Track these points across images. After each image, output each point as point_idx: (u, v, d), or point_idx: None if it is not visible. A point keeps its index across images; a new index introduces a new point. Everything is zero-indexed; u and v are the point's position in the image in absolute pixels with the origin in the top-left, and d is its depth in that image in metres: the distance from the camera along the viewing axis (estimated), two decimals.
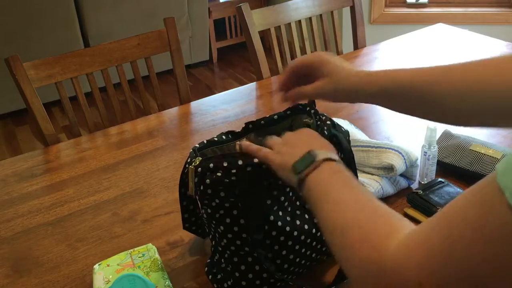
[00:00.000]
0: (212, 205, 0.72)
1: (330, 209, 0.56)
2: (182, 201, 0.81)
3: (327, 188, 0.58)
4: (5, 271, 0.87)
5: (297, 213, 0.76)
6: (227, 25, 3.76)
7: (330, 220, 0.55)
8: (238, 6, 1.57)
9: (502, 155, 0.98)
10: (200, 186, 0.71)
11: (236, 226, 0.72)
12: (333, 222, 0.54)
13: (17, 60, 1.28)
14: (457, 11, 3.01)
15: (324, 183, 0.59)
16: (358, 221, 0.52)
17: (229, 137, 0.86)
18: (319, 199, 0.58)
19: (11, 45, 2.88)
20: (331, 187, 0.58)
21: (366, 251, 0.49)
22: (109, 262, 0.81)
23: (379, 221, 0.51)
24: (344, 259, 0.52)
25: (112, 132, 1.32)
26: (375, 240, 0.49)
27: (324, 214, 0.57)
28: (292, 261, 0.76)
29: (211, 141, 0.83)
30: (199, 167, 0.71)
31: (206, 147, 0.81)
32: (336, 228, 0.54)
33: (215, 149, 0.83)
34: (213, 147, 0.83)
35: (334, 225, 0.54)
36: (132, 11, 3.19)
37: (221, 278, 0.77)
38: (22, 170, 1.17)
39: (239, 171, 0.70)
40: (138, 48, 1.49)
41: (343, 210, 0.55)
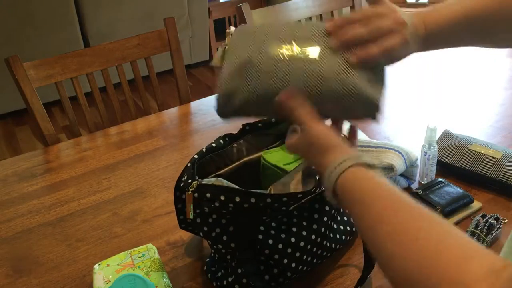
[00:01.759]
0: (209, 222, 0.73)
1: (386, 231, 0.48)
2: (177, 204, 0.81)
3: (369, 200, 0.51)
4: (5, 271, 0.87)
5: (293, 230, 0.76)
6: (227, 25, 3.76)
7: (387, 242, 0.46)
8: (238, 6, 1.57)
9: (502, 155, 0.98)
10: (196, 211, 0.73)
11: (233, 242, 0.73)
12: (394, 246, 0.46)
13: (17, 60, 1.28)
14: None
15: (360, 192, 0.53)
16: (436, 253, 0.42)
17: (227, 141, 0.86)
18: (360, 211, 0.52)
19: (11, 45, 2.88)
20: (371, 199, 0.51)
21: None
22: (109, 262, 0.81)
23: (463, 253, 0.42)
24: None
25: (112, 132, 1.32)
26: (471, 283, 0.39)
27: (377, 233, 0.49)
28: (294, 269, 0.76)
29: (209, 148, 0.83)
30: (196, 193, 0.71)
31: (204, 155, 0.82)
32: (403, 257, 0.44)
33: (214, 156, 0.84)
34: (211, 154, 0.83)
35: (399, 253, 0.45)
36: (132, 11, 3.19)
37: (221, 276, 0.78)
38: (22, 170, 1.17)
39: (236, 206, 0.70)
40: (138, 48, 1.49)
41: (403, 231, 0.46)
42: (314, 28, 0.65)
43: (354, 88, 0.61)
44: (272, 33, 0.65)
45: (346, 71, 0.61)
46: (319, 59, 0.62)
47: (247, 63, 0.64)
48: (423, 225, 0.46)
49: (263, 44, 0.64)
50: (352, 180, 0.55)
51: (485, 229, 0.85)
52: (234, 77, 0.64)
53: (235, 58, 0.65)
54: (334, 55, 0.62)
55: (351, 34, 0.63)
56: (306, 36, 0.64)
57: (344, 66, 0.62)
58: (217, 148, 0.85)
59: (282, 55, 0.63)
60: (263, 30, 0.66)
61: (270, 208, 0.70)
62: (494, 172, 0.96)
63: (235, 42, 0.67)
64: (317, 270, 0.82)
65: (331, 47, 0.63)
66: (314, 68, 0.62)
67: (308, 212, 0.78)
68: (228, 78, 0.65)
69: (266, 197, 0.69)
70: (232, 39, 0.68)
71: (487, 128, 1.20)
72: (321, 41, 0.63)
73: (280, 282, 0.75)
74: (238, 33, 0.68)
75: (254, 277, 0.73)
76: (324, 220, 0.79)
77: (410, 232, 0.45)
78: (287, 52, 0.63)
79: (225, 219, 0.72)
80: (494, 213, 0.88)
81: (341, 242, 0.83)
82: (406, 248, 0.44)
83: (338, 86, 0.61)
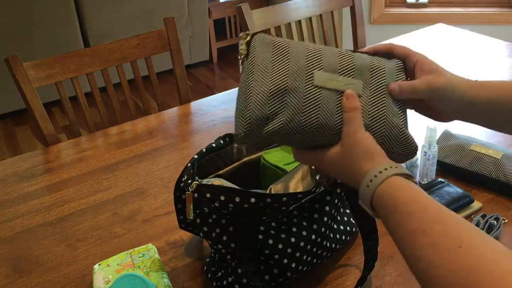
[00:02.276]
0: (209, 222, 0.73)
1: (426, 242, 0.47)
2: (176, 204, 0.82)
3: (408, 209, 0.51)
4: (5, 271, 0.87)
5: (293, 230, 0.76)
6: (227, 25, 3.76)
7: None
8: (238, 6, 1.57)
9: (502, 155, 0.98)
10: (195, 211, 0.73)
11: (233, 243, 0.73)
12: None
13: (17, 60, 1.28)
14: (457, 11, 3.01)
15: (399, 201, 0.53)
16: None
17: (227, 141, 0.86)
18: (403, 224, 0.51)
19: (11, 45, 2.88)
20: (411, 208, 0.51)
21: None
22: (109, 262, 0.81)
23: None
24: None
25: (112, 132, 1.32)
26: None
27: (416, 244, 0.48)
28: (294, 269, 0.76)
29: (209, 148, 0.83)
30: (196, 193, 0.71)
31: (204, 155, 0.82)
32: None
33: (214, 156, 0.84)
34: (211, 154, 0.83)
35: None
36: (132, 11, 3.19)
37: (221, 276, 0.78)
38: (22, 170, 1.17)
39: (236, 207, 0.70)
40: (138, 48, 1.49)
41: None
42: (356, 58, 0.65)
43: (400, 129, 0.64)
44: (311, 58, 0.63)
45: (393, 112, 0.64)
46: (363, 95, 0.63)
47: (290, 90, 0.61)
48: (464, 236, 0.46)
49: (306, 71, 0.62)
50: (392, 188, 0.54)
51: (485, 229, 0.85)
52: (273, 102, 0.61)
53: (270, 80, 0.61)
54: (380, 94, 0.64)
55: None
56: (349, 68, 0.64)
57: (390, 106, 0.64)
58: (217, 148, 0.85)
59: (329, 88, 0.62)
60: (296, 51, 0.64)
61: (270, 208, 0.70)
62: (494, 172, 0.96)
63: (263, 56, 0.63)
64: (317, 270, 0.82)
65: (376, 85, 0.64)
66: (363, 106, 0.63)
67: (308, 212, 0.78)
68: (264, 101, 0.61)
69: (266, 197, 0.69)
70: (258, 52, 0.63)
71: (487, 128, 1.20)
72: (366, 75, 0.64)
73: (280, 282, 0.75)
74: (263, 46, 0.64)
75: (254, 277, 0.73)
76: (324, 220, 0.79)
77: (452, 241, 0.46)
78: (335, 84, 0.62)
79: (225, 219, 0.72)
80: (494, 213, 0.88)
81: (341, 242, 0.83)
82: (449, 258, 0.45)
83: (385, 126, 0.63)
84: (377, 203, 0.55)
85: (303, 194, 0.72)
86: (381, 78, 0.65)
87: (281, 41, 0.65)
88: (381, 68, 0.65)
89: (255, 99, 0.61)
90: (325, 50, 0.65)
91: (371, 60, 0.66)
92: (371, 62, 0.65)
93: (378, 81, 0.64)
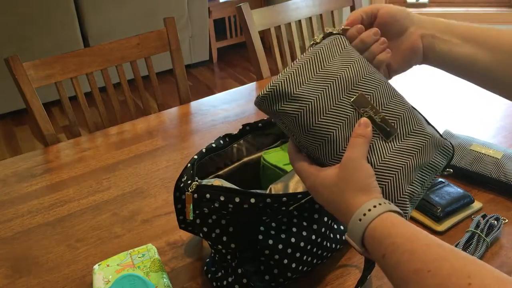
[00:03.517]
0: (209, 222, 0.73)
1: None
2: (176, 204, 0.82)
3: (409, 248, 0.48)
4: (5, 271, 0.87)
5: (293, 230, 0.75)
6: (227, 25, 3.76)
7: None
8: (238, 6, 1.57)
9: (502, 155, 0.98)
10: (195, 211, 0.72)
11: (233, 243, 0.73)
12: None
13: (16, 60, 1.28)
14: (458, 11, 3.01)
15: (397, 239, 0.50)
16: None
17: (227, 141, 0.86)
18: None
19: (11, 45, 2.88)
20: (412, 246, 0.48)
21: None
22: (109, 262, 0.81)
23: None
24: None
25: (112, 132, 1.32)
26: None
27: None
28: (294, 269, 0.76)
29: (209, 148, 0.83)
30: (195, 193, 0.71)
31: (204, 156, 0.82)
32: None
33: (213, 156, 0.84)
34: (211, 154, 0.83)
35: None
36: (132, 11, 3.19)
37: (221, 276, 0.77)
38: (22, 170, 1.17)
39: (236, 207, 0.70)
40: (138, 48, 1.48)
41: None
42: (407, 113, 0.62)
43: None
44: (367, 80, 0.62)
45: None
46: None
47: (328, 90, 0.60)
48: (473, 273, 0.44)
49: (354, 87, 0.61)
50: (387, 224, 0.51)
51: (485, 229, 0.85)
52: (307, 88, 0.60)
53: (318, 72, 0.61)
54: (406, 153, 0.61)
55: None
56: (394, 113, 0.62)
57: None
58: (217, 148, 0.85)
59: (361, 113, 0.61)
60: (359, 66, 0.63)
61: (270, 208, 0.70)
62: (495, 172, 0.96)
63: (328, 52, 0.63)
64: (317, 270, 0.82)
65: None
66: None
67: (308, 212, 0.78)
68: (299, 82, 0.60)
69: (266, 198, 0.69)
70: (327, 47, 0.64)
71: (487, 128, 1.20)
72: (405, 129, 0.62)
73: (280, 282, 0.75)
74: (336, 45, 0.64)
75: (254, 277, 0.73)
76: (324, 220, 0.79)
77: (461, 279, 0.43)
78: (370, 113, 0.61)
79: (225, 219, 0.72)
80: (495, 213, 0.88)
81: (341, 242, 0.83)
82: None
83: (389, 181, 0.59)
84: (370, 240, 0.52)
85: (303, 194, 0.72)
86: (420, 141, 0.61)
87: (352, 51, 0.64)
88: (425, 134, 0.61)
89: (294, 76, 0.60)
90: (386, 85, 0.63)
91: (420, 123, 0.62)
92: (419, 124, 0.62)
93: (415, 142, 0.61)
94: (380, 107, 0.61)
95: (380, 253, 0.50)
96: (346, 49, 0.64)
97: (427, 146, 0.61)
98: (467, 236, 0.84)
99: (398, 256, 0.48)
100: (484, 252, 0.82)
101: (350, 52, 0.64)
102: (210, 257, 0.82)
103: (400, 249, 0.48)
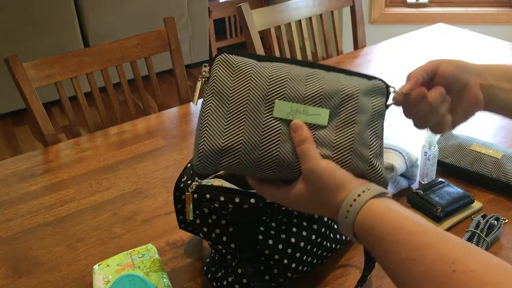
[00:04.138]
0: (209, 222, 0.73)
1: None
2: (176, 204, 0.81)
3: (396, 237, 0.49)
4: (5, 271, 0.87)
5: (293, 230, 0.75)
6: (227, 25, 3.76)
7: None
8: (238, 6, 1.57)
9: (502, 155, 0.98)
10: (195, 211, 0.72)
11: (233, 243, 0.73)
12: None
13: (16, 60, 1.28)
14: (458, 11, 3.01)
15: (384, 229, 0.50)
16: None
17: None
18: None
19: (11, 45, 2.88)
20: (398, 235, 0.49)
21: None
22: (109, 262, 0.81)
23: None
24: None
25: (111, 132, 1.32)
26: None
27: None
28: (294, 269, 0.76)
29: None
30: (195, 194, 0.71)
31: None
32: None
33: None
34: None
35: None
36: (132, 11, 3.19)
37: (221, 276, 0.77)
38: (22, 170, 1.17)
39: (236, 207, 0.70)
40: (138, 48, 1.48)
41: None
42: (327, 82, 0.60)
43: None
44: (275, 84, 0.59)
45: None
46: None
47: (248, 121, 0.58)
48: (458, 257, 0.45)
49: (267, 100, 0.58)
50: (371, 216, 0.52)
51: (485, 229, 0.85)
52: (229, 134, 0.58)
53: (227, 110, 0.59)
54: (349, 123, 0.60)
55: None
56: (316, 96, 0.59)
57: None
58: None
59: (290, 120, 0.58)
60: (260, 75, 0.60)
61: (270, 209, 0.70)
62: (495, 172, 0.96)
63: (223, 82, 0.60)
64: (317, 270, 0.82)
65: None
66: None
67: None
68: (219, 134, 0.58)
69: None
70: (218, 76, 0.60)
71: (487, 128, 1.20)
72: (335, 101, 0.60)
73: (280, 282, 0.75)
74: (225, 68, 0.60)
75: (254, 278, 0.73)
76: (324, 221, 0.79)
77: (445, 262, 0.44)
78: (297, 116, 0.58)
79: (225, 219, 0.72)
80: (495, 213, 0.88)
81: (341, 242, 0.83)
82: (447, 282, 0.43)
83: (351, 157, 0.59)
84: (359, 234, 0.53)
85: None
86: (352, 104, 0.59)
87: (244, 64, 0.60)
88: (353, 93, 0.59)
89: (210, 131, 0.58)
90: (291, 75, 0.59)
91: (344, 85, 0.60)
92: (343, 87, 0.59)
93: (348, 108, 0.59)
94: (300, 100, 0.58)
95: (369, 244, 0.52)
96: (235, 67, 0.60)
97: (361, 102, 0.59)
98: (467, 236, 0.84)
99: (384, 247, 0.50)
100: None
101: (241, 67, 0.60)
102: (210, 257, 0.82)
103: (384, 241, 0.50)
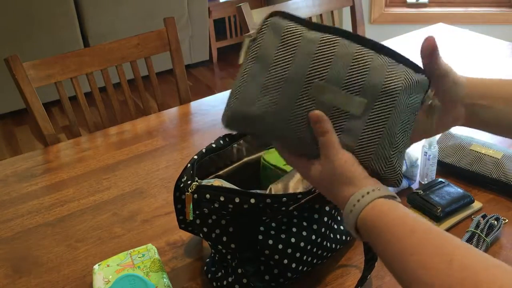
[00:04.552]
0: (209, 222, 0.73)
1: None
2: (176, 204, 0.81)
3: (397, 233, 0.51)
4: (5, 271, 0.87)
5: (293, 230, 0.75)
6: (227, 25, 3.76)
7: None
8: (238, 6, 1.57)
9: (502, 155, 0.98)
10: (195, 212, 0.73)
11: (233, 243, 0.73)
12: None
13: (16, 60, 1.28)
14: (458, 11, 3.01)
15: (386, 225, 0.52)
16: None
17: (226, 141, 0.86)
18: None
19: (11, 45, 2.88)
20: (400, 231, 0.51)
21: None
22: (109, 262, 0.81)
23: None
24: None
25: (111, 132, 1.32)
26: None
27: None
28: (294, 269, 0.76)
29: (209, 148, 0.83)
30: (195, 194, 0.71)
31: (204, 156, 0.82)
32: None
33: (213, 156, 0.84)
34: (211, 154, 0.83)
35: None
36: (132, 11, 3.19)
37: (221, 276, 0.77)
38: (22, 170, 1.17)
39: (236, 207, 0.70)
40: (138, 48, 1.48)
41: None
42: (372, 70, 0.57)
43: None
44: (317, 64, 0.57)
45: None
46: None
47: (282, 95, 0.58)
48: (456, 254, 0.46)
49: (307, 79, 0.57)
50: (376, 214, 0.53)
51: (485, 230, 0.85)
52: (261, 102, 0.58)
53: (264, 79, 0.58)
54: (380, 121, 0.57)
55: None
56: (357, 84, 0.57)
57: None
58: (217, 148, 0.85)
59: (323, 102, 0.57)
60: (305, 50, 0.58)
61: (270, 209, 0.70)
62: (495, 172, 0.96)
63: (268, 49, 0.59)
64: (317, 270, 0.82)
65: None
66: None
67: (308, 212, 0.78)
68: (252, 100, 0.59)
69: (265, 198, 0.69)
70: (264, 42, 0.60)
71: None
72: (374, 93, 0.57)
73: (281, 282, 0.75)
74: (273, 34, 0.61)
75: (254, 278, 0.73)
76: (324, 221, 0.79)
77: (443, 258, 0.46)
78: (333, 101, 0.57)
79: (225, 220, 0.72)
80: (495, 213, 0.88)
81: (341, 242, 0.83)
82: (442, 274, 0.45)
83: (372, 156, 0.57)
84: (362, 229, 0.55)
85: (303, 194, 0.72)
86: (390, 100, 0.56)
87: (292, 35, 0.59)
88: (394, 89, 0.56)
89: (243, 95, 0.59)
90: (338, 53, 0.57)
91: (387, 77, 0.56)
92: (386, 80, 0.56)
93: (385, 103, 0.56)
94: (339, 84, 0.56)
95: (371, 241, 0.54)
96: (283, 34, 0.60)
97: (400, 99, 0.56)
98: (467, 236, 0.84)
99: (385, 242, 0.51)
100: (484, 252, 0.82)
101: (289, 36, 0.59)
102: (210, 257, 0.82)
103: (386, 235, 0.51)
